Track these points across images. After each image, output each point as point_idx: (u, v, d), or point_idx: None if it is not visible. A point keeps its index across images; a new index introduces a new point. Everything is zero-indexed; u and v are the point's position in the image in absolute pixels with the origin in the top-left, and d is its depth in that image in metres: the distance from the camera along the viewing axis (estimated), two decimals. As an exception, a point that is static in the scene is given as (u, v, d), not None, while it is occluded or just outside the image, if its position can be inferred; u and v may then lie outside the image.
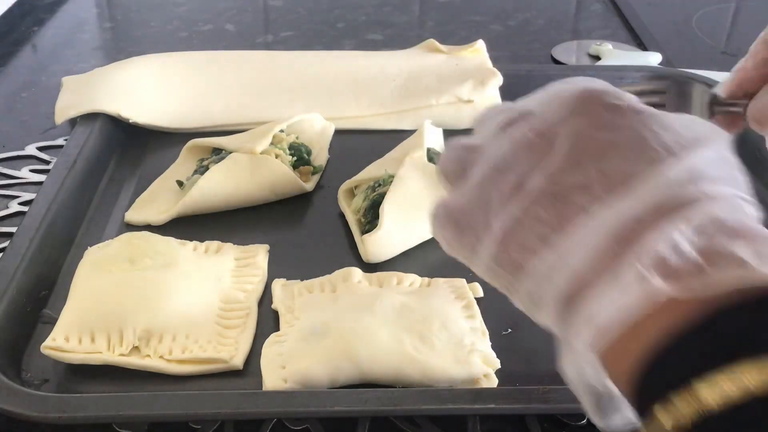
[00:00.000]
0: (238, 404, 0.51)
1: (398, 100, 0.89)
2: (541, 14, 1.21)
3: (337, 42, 1.12)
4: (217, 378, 0.57)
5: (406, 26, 1.18)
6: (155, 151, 0.83)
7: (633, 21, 1.16)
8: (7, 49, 1.08)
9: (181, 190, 0.74)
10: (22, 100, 0.96)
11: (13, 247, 0.64)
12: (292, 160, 0.76)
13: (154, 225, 0.71)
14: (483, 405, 0.51)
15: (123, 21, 1.20)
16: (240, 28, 1.17)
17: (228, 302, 0.61)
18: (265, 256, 0.67)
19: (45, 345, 0.56)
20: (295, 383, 0.54)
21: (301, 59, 0.95)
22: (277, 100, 0.89)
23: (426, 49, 0.96)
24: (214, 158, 0.74)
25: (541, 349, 0.59)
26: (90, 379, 0.56)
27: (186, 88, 0.90)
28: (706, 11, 1.21)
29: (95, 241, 0.67)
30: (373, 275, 0.64)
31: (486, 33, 1.12)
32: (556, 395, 0.51)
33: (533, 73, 0.93)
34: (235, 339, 0.58)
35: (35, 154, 0.84)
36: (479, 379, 0.55)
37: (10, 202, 0.76)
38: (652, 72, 0.93)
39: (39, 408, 0.51)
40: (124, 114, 0.83)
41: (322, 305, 0.61)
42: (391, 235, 0.66)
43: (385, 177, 0.70)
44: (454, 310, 0.61)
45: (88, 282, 0.60)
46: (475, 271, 0.36)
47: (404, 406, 0.51)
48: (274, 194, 0.74)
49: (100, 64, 0.99)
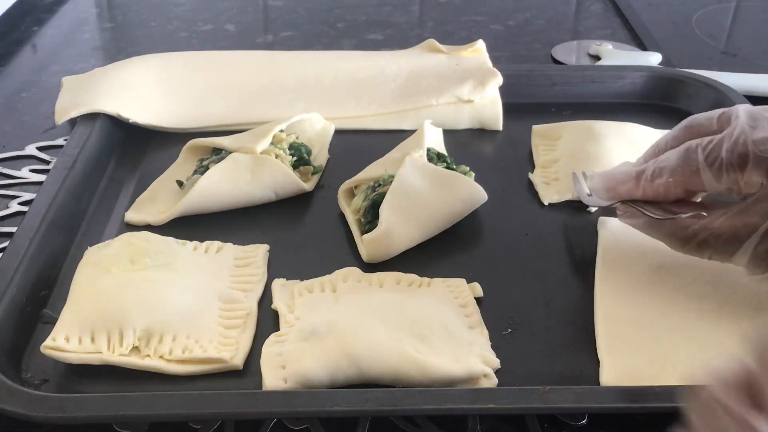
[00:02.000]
0: (238, 404, 0.51)
1: (398, 100, 0.89)
2: (541, 14, 1.21)
3: (337, 42, 1.12)
4: (217, 378, 0.57)
5: (406, 26, 1.18)
6: (155, 151, 0.83)
7: (633, 21, 1.16)
8: (7, 49, 1.08)
9: (181, 190, 0.74)
10: (22, 100, 0.96)
11: (13, 247, 0.64)
12: (292, 160, 0.76)
13: (154, 225, 0.71)
14: (483, 405, 0.51)
15: (123, 21, 1.20)
16: (240, 28, 1.17)
17: (228, 302, 0.61)
18: (265, 256, 0.67)
19: (45, 345, 0.56)
20: (295, 383, 0.54)
21: (301, 59, 0.95)
22: (277, 100, 0.89)
23: (426, 49, 0.96)
24: (214, 158, 0.74)
25: (541, 349, 0.59)
26: (90, 379, 0.56)
27: (186, 88, 0.90)
28: (706, 11, 1.21)
29: (95, 241, 0.67)
30: (373, 275, 0.64)
31: (486, 33, 1.12)
32: (556, 395, 0.51)
33: (533, 73, 0.93)
34: (235, 339, 0.59)
35: (35, 154, 0.84)
36: (479, 379, 0.55)
37: (10, 202, 0.76)
38: (652, 72, 0.93)
39: (39, 408, 0.51)
40: (124, 114, 0.83)
41: (322, 305, 0.61)
42: (391, 235, 0.66)
43: (385, 177, 0.70)
44: (454, 310, 0.61)
45: (88, 282, 0.60)
46: None
47: (404, 406, 0.51)
48: (274, 194, 0.74)
49: (100, 64, 0.99)
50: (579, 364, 0.58)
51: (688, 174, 0.57)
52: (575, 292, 0.65)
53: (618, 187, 0.62)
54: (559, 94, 0.92)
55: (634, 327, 0.59)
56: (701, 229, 0.57)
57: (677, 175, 0.58)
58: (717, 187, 0.56)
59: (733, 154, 0.54)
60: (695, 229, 0.57)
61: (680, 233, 0.58)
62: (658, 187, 0.59)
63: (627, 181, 0.61)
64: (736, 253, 0.56)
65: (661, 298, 0.61)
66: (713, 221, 0.56)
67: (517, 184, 0.78)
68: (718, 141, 0.56)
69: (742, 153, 0.54)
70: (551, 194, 0.75)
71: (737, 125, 0.55)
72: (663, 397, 0.51)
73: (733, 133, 0.55)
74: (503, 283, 0.65)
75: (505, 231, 0.72)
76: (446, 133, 0.83)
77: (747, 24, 1.21)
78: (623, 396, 0.52)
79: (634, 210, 0.61)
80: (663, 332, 0.59)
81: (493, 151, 0.85)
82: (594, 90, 0.92)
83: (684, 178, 0.57)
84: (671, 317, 0.60)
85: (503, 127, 0.87)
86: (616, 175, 0.63)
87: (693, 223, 0.57)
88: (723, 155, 0.55)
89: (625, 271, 0.65)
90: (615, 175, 0.63)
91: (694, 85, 0.90)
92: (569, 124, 0.83)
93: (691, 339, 0.58)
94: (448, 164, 0.73)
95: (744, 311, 0.59)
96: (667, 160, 0.59)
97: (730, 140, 0.55)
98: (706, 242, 0.57)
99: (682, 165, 0.57)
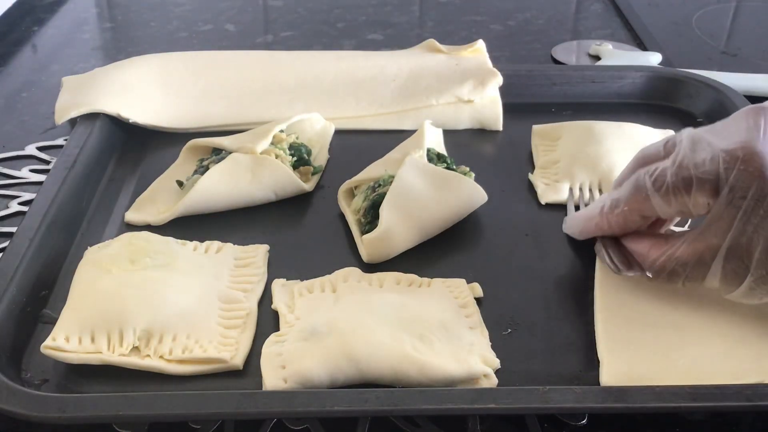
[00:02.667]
0: (238, 404, 0.51)
1: (398, 100, 0.89)
2: (541, 14, 1.21)
3: (337, 42, 1.12)
4: (217, 378, 0.57)
5: (406, 26, 1.18)
6: (155, 151, 0.83)
7: (633, 21, 1.16)
8: (7, 49, 1.08)
9: (181, 190, 0.74)
10: (22, 100, 0.96)
11: (13, 247, 0.64)
12: (292, 160, 0.76)
13: (154, 225, 0.71)
14: (483, 405, 0.51)
15: (123, 21, 1.20)
16: (240, 28, 1.17)
17: (228, 302, 0.61)
18: (265, 256, 0.67)
19: (45, 345, 0.56)
20: (295, 383, 0.54)
21: (301, 59, 0.95)
22: (277, 100, 0.89)
23: (426, 49, 0.96)
24: (214, 158, 0.74)
25: (541, 349, 0.59)
26: (90, 379, 0.56)
27: (186, 88, 0.90)
28: (706, 11, 1.22)
29: (95, 241, 0.67)
30: (373, 275, 0.64)
31: (486, 33, 1.12)
32: (556, 395, 0.51)
33: (533, 73, 0.93)
34: (235, 339, 0.59)
35: (35, 154, 0.84)
36: (479, 379, 0.55)
37: (10, 202, 0.76)
38: (652, 72, 0.93)
39: (39, 408, 0.51)
40: (124, 114, 0.83)
41: (323, 305, 0.61)
42: (391, 235, 0.66)
43: (385, 177, 0.70)
44: (454, 310, 0.61)
45: (88, 282, 0.60)
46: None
47: (404, 406, 0.51)
48: (274, 194, 0.74)
49: (100, 64, 0.99)
50: (579, 364, 0.58)
51: (639, 201, 0.59)
52: (575, 292, 0.65)
53: (588, 225, 0.65)
54: (559, 94, 0.92)
55: (634, 327, 0.59)
56: (667, 260, 0.58)
57: (631, 203, 0.60)
58: (668, 211, 0.58)
59: (677, 177, 0.56)
60: (662, 261, 0.59)
61: (649, 267, 0.60)
62: (618, 217, 0.61)
63: (593, 216, 0.64)
64: (707, 276, 0.57)
65: (661, 298, 0.61)
66: (676, 250, 0.58)
67: (517, 184, 0.78)
68: (663, 167, 0.58)
69: (686, 177, 0.56)
70: (550, 194, 0.75)
71: (680, 150, 0.57)
72: (663, 397, 0.51)
73: (676, 159, 0.57)
74: (503, 283, 0.65)
75: (505, 231, 0.72)
76: (446, 133, 0.83)
77: (747, 24, 1.21)
78: (623, 396, 0.52)
79: (602, 253, 0.64)
80: (663, 332, 0.59)
81: (493, 152, 0.85)
82: (594, 90, 0.92)
83: (637, 205, 0.60)
84: (671, 317, 0.60)
85: (503, 127, 0.87)
86: (585, 213, 0.66)
87: (659, 256, 0.59)
88: (668, 180, 0.57)
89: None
90: (584, 213, 0.66)
91: (694, 85, 0.90)
92: (569, 125, 0.83)
93: (691, 339, 0.58)
94: (448, 164, 0.73)
95: (743, 311, 0.59)
96: (621, 191, 0.61)
97: (674, 165, 0.57)
98: (675, 272, 0.58)
99: (633, 193, 0.59)
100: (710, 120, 0.83)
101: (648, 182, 0.58)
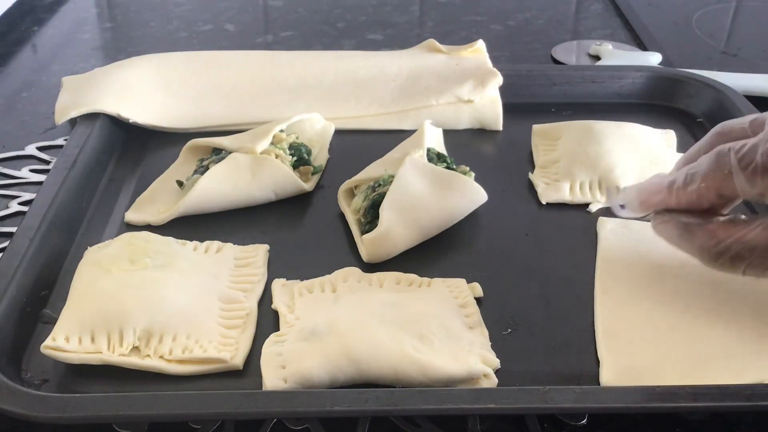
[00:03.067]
0: (238, 404, 0.51)
1: (398, 100, 0.89)
2: (541, 14, 1.21)
3: (337, 42, 1.12)
4: (217, 378, 0.57)
5: (406, 26, 1.18)
6: (155, 151, 0.83)
7: (633, 21, 1.16)
8: (7, 49, 1.08)
9: (181, 190, 0.74)
10: (22, 100, 0.96)
11: (13, 247, 0.64)
12: (292, 160, 0.76)
13: (154, 225, 0.71)
14: (483, 405, 0.51)
15: (123, 21, 1.20)
16: (240, 28, 1.17)
17: (228, 302, 0.61)
18: (265, 256, 0.67)
19: (45, 345, 0.56)
20: (295, 383, 0.54)
21: (301, 59, 0.95)
22: (277, 100, 0.89)
23: (426, 49, 0.96)
24: (214, 158, 0.74)
25: (541, 349, 0.59)
26: (90, 379, 0.56)
27: (186, 88, 0.90)
28: (706, 11, 1.22)
29: (95, 241, 0.67)
30: (373, 275, 0.64)
31: (486, 33, 1.12)
32: (556, 395, 0.51)
33: (533, 73, 0.93)
34: (235, 339, 0.59)
35: (35, 154, 0.84)
36: (479, 379, 0.55)
37: (10, 202, 0.76)
38: (652, 72, 0.93)
39: (39, 408, 0.51)
40: (124, 114, 0.83)
41: (322, 305, 0.61)
42: (391, 235, 0.66)
43: (385, 177, 0.70)
44: (454, 310, 0.61)
45: (88, 282, 0.60)
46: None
47: (404, 406, 0.51)
48: (274, 194, 0.74)
49: (100, 64, 0.99)
50: (579, 364, 0.58)
51: (720, 178, 0.55)
52: (575, 292, 0.65)
53: (651, 199, 0.60)
54: (559, 94, 0.92)
55: (634, 327, 0.60)
56: (735, 242, 0.55)
57: (709, 180, 0.56)
58: (750, 191, 0.55)
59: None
60: (728, 243, 0.55)
61: (713, 247, 0.56)
62: (690, 194, 0.57)
63: (659, 191, 0.60)
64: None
65: (661, 298, 0.61)
66: (747, 233, 0.55)
67: (517, 184, 0.78)
68: (753, 144, 0.54)
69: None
70: (550, 194, 0.75)
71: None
72: (663, 397, 0.51)
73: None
74: (503, 283, 0.65)
75: (505, 231, 0.72)
76: (446, 133, 0.83)
77: (747, 24, 1.21)
78: (623, 396, 0.52)
79: (668, 217, 0.59)
80: (663, 332, 0.59)
81: (493, 151, 0.85)
82: (594, 90, 0.92)
83: (716, 182, 0.56)
84: (671, 317, 0.60)
85: (503, 127, 0.87)
86: (648, 187, 0.61)
87: (726, 237, 0.55)
88: (758, 159, 0.53)
89: (625, 271, 0.65)
90: (647, 186, 0.61)
91: (694, 85, 0.90)
92: (569, 124, 0.83)
93: (691, 339, 0.58)
94: (448, 164, 0.73)
95: (743, 311, 0.59)
96: (698, 165, 0.57)
97: (766, 144, 0.53)
98: (740, 256, 0.55)
99: (714, 169, 0.56)
100: (710, 120, 0.84)
101: (733, 159, 0.54)
